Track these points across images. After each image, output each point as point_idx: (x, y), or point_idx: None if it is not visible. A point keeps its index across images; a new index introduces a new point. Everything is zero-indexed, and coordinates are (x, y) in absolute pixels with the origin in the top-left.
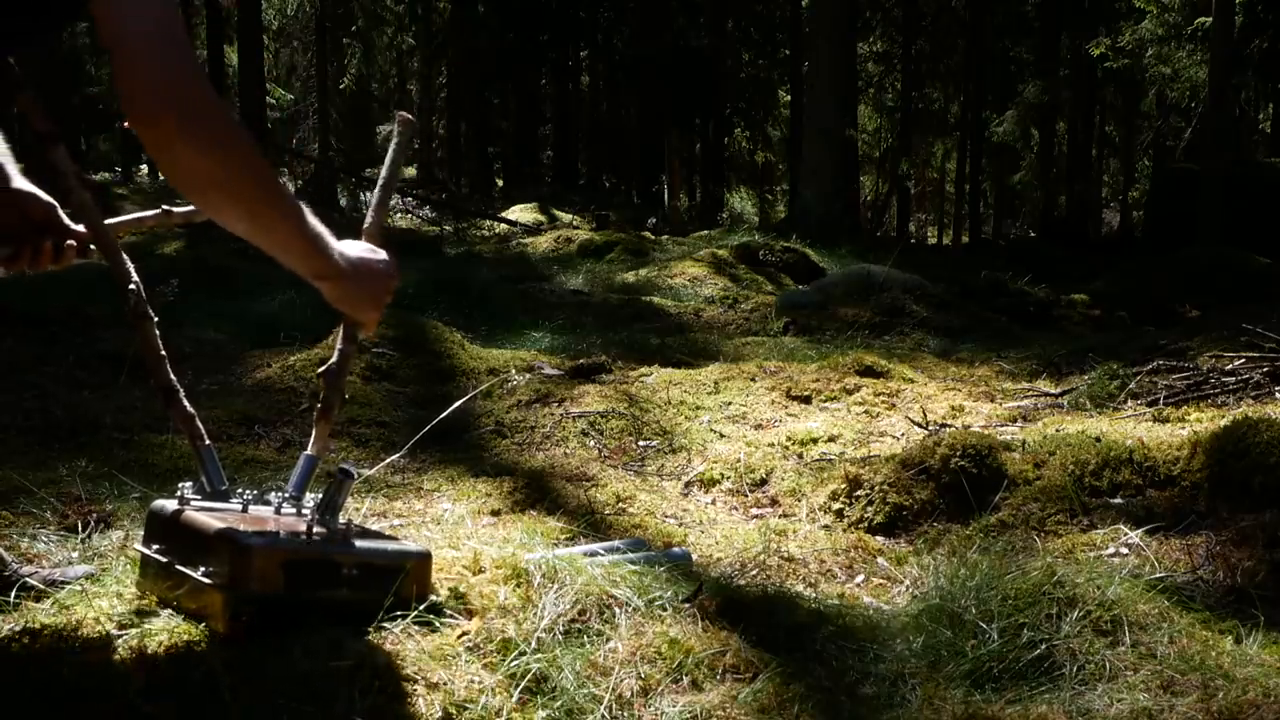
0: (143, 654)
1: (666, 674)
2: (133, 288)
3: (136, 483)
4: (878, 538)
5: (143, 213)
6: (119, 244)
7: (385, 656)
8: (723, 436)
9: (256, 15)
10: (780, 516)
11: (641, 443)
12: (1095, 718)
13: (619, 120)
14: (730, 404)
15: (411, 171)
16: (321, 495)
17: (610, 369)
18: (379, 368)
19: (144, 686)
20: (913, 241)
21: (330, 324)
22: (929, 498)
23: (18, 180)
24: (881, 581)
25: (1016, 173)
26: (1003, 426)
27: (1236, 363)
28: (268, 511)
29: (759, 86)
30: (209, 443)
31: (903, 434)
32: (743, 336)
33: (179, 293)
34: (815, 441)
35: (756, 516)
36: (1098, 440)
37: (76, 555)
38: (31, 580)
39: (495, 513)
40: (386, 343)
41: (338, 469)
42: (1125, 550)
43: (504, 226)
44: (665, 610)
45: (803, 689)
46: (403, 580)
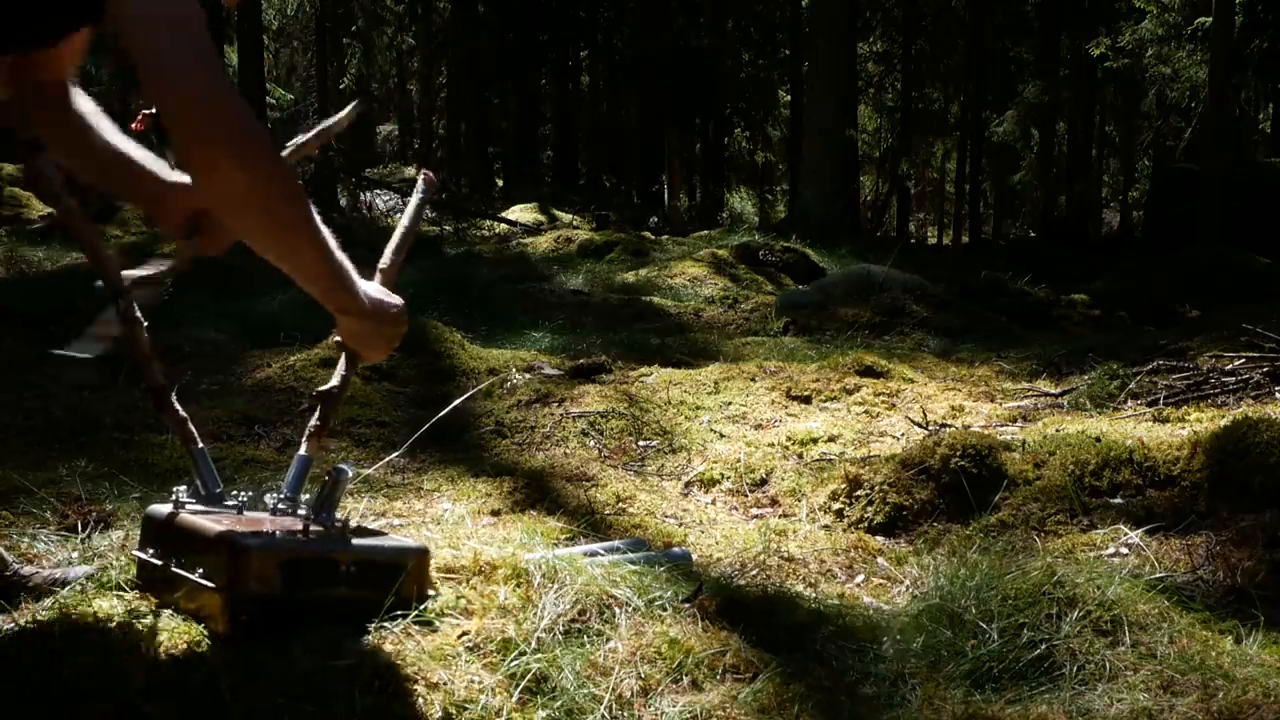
0: (143, 654)
1: (666, 674)
2: (119, 291)
3: (136, 483)
4: (878, 538)
5: (303, 136)
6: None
7: (385, 656)
8: (723, 436)
9: (256, 15)
10: (780, 516)
11: (641, 443)
12: (1095, 718)
13: (619, 120)
14: (730, 404)
15: (411, 171)
16: (319, 495)
17: (610, 369)
18: (379, 367)
19: (144, 686)
20: (913, 241)
21: (330, 324)
22: (929, 498)
23: (173, 175)
24: (881, 581)
25: (1016, 173)
26: (1003, 426)
27: (1236, 363)
28: (263, 513)
29: (759, 86)
30: (202, 445)
31: (903, 434)
32: (743, 336)
33: (178, 292)
34: (815, 441)
35: (756, 516)
36: (1098, 440)
37: (76, 555)
38: (31, 580)
39: (495, 513)
40: None
41: (333, 468)
42: (1125, 550)
43: (504, 226)
44: (665, 610)
45: (803, 689)
46: (402, 578)
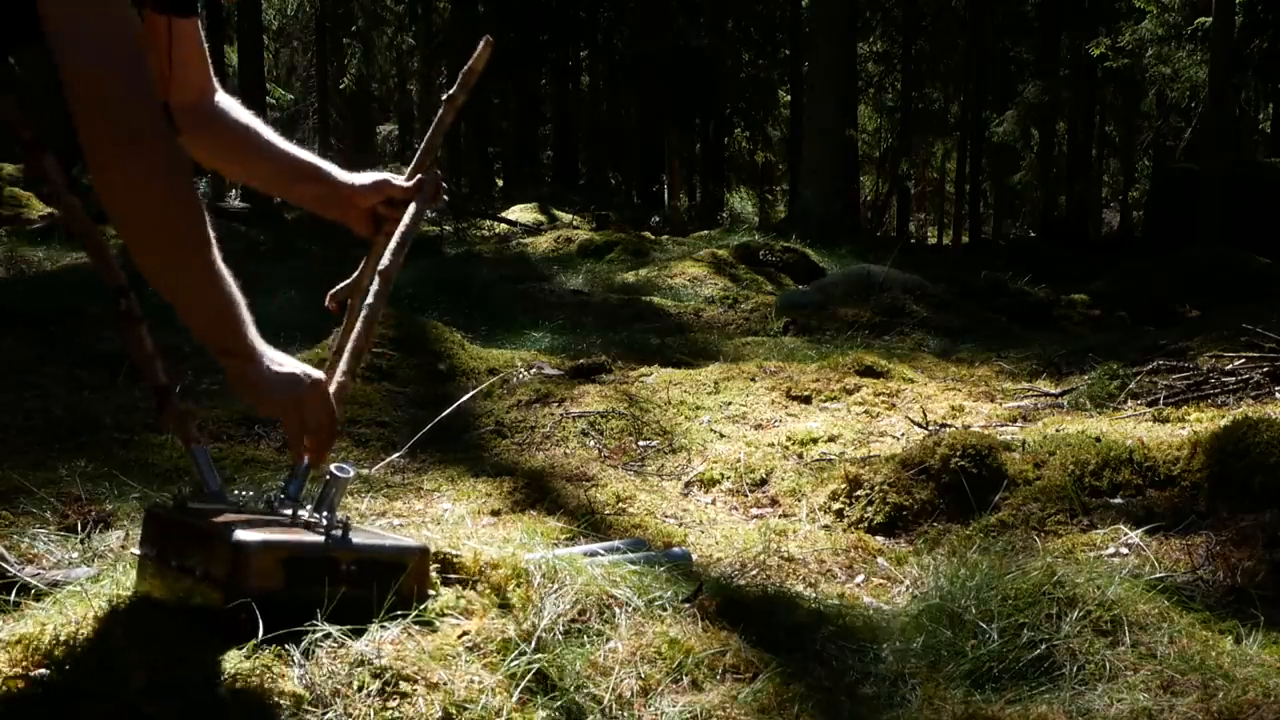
0: (142, 654)
1: (666, 674)
2: (122, 289)
3: (136, 483)
4: (878, 538)
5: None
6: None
7: (385, 656)
8: (723, 436)
9: (256, 15)
10: (780, 516)
11: (641, 443)
12: (1095, 718)
13: (619, 120)
14: (730, 404)
15: None
16: (318, 494)
17: (610, 369)
18: (379, 368)
19: (144, 686)
20: (913, 241)
21: (329, 324)
22: (929, 498)
23: (346, 176)
24: (881, 581)
25: (1016, 173)
26: (1003, 426)
27: (1236, 363)
28: (265, 512)
29: (759, 86)
30: (203, 444)
31: (903, 434)
32: (743, 336)
33: None
34: (815, 441)
35: (756, 516)
36: (1098, 440)
37: (76, 555)
38: (31, 580)
39: (495, 513)
40: (386, 343)
41: (333, 467)
42: (1125, 550)
43: (504, 226)
44: (665, 610)
45: (803, 689)
46: (403, 577)
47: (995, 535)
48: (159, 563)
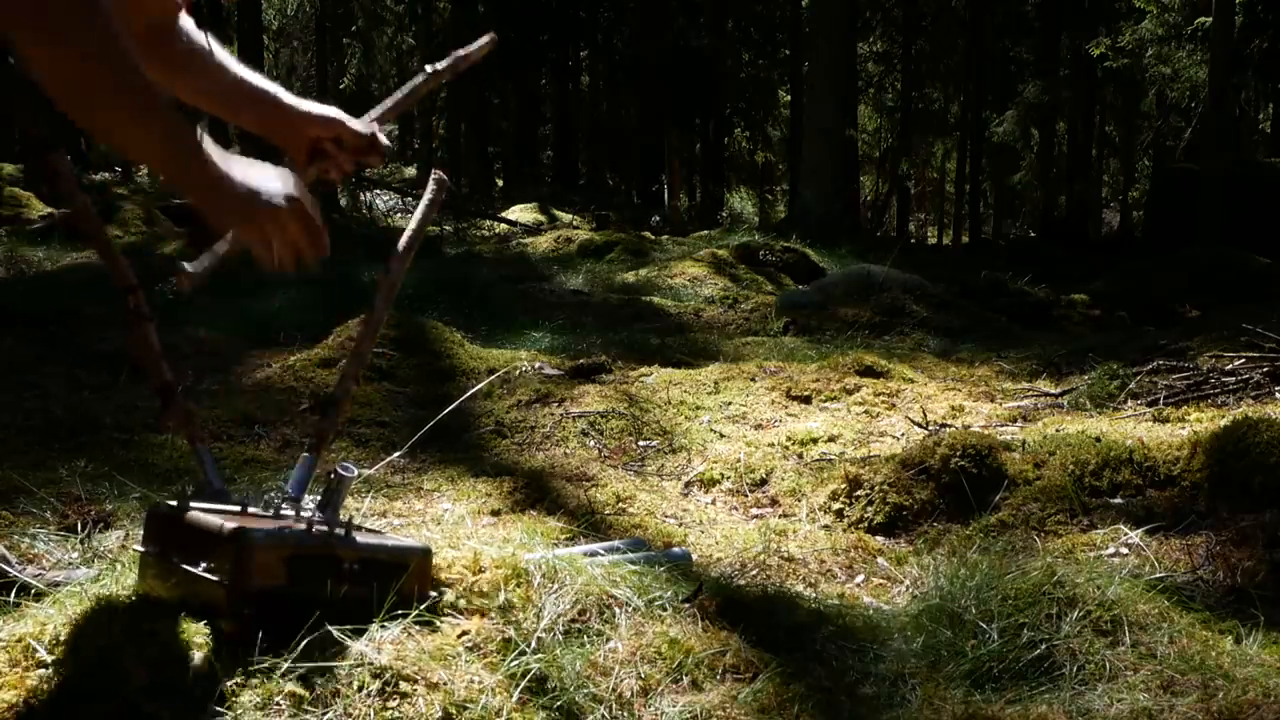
0: (142, 654)
1: (666, 674)
2: (131, 288)
3: (136, 483)
4: (878, 538)
5: (441, 64)
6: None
7: (385, 656)
8: (723, 436)
9: (256, 15)
10: (780, 516)
11: (641, 443)
12: (1095, 718)
13: (619, 120)
14: (730, 404)
15: (411, 171)
16: (321, 494)
17: (610, 369)
18: (379, 367)
19: (144, 686)
20: (913, 241)
21: (330, 324)
22: (929, 498)
23: (292, 100)
24: (881, 581)
25: (1016, 173)
26: (1003, 426)
27: (1236, 363)
28: (267, 511)
29: (759, 86)
30: (206, 444)
31: (903, 434)
32: (743, 336)
33: (178, 292)
34: (815, 441)
35: (756, 516)
36: (1098, 440)
37: (76, 555)
38: (31, 580)
39: (495, 513)
40: (387, 343)
41: (336, 467)
42: (1125, 550)
43: (504, 226)
44: (665, 610)
45: (803, 689)
46: (404, 577)
47: (995, 535)
48: (161, 561)
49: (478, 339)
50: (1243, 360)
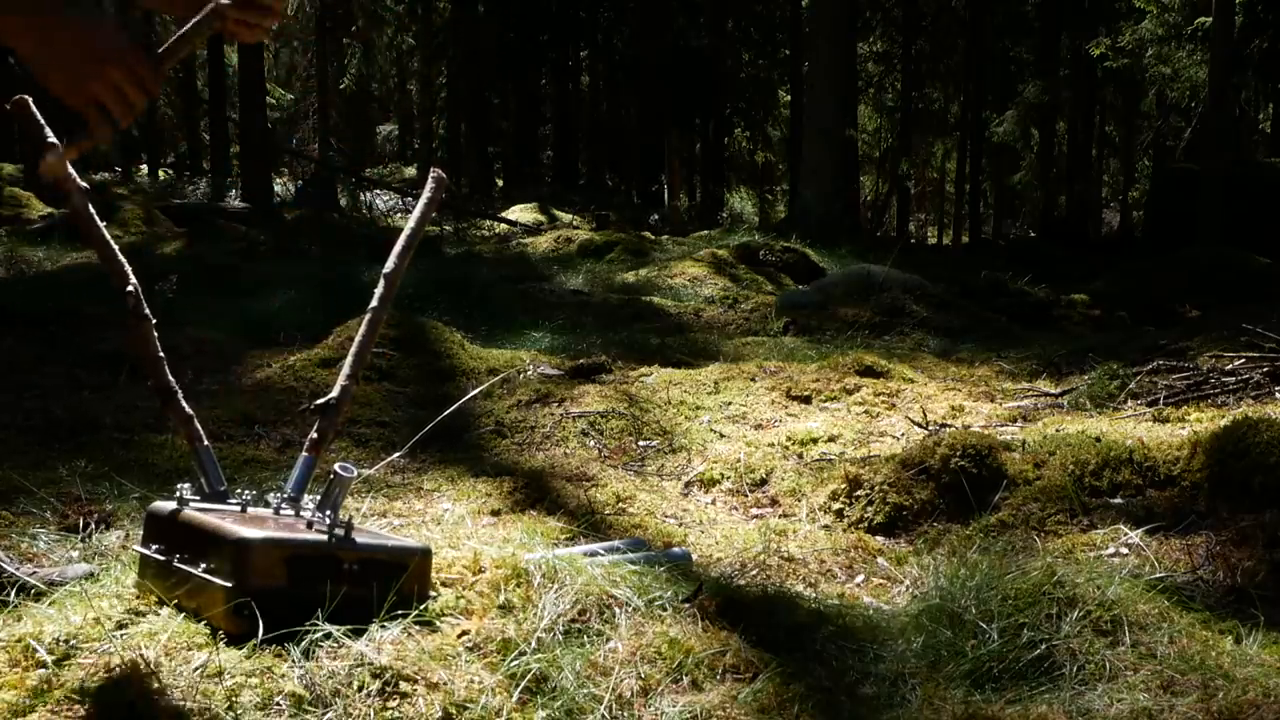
0: (143, 654)
1: (666, 674)
2: (130, 289)
3: (136, 483)
4: (878, 538)
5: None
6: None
7: (386, 656)
8: (723, 436)
9: None
10: (780, 516)
11: (641, 443)
12: (1095, 718)
13: (619, 120)
14: (730, 404)
15: (411, 171)
16: (321, 495)
17: (610, 369)
18: (379, 367)
19: (144, 686)
20: (913, 241)
21: (330, 324)
22: (929, 498)
23: None
24: (881, 581)
25: (1016, 173)
26: (1003, 426)
27: (1236, 363)
28: (267, 512)
29: (759, 86)
30: (207, 444)
31: (903, 434)
32: (743, 336)
33: (179, 292)
34: (815, 441)
35: (756, 516)
36: (1098, 440)
37: (76, 555)
38: (31, 580)
39: (495, 513)
40: (387, 343)
41: (335, 467)
42: (1125, 550)
43: (504, 226)
44: (665, 610)
45: (803, 689)
46: (404, 577)
47: (995, 535)
48: (161, 561)
49: (478, 339)
50: (1243, 360)
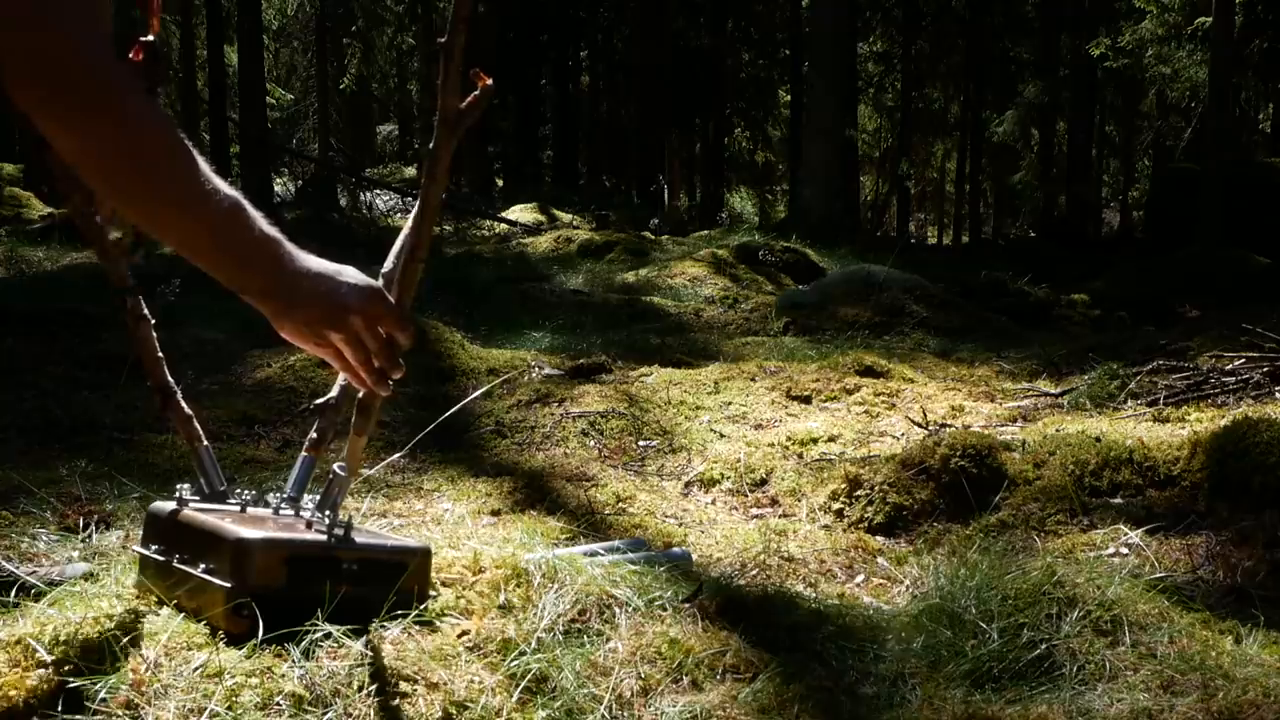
0: (142, 654)
1: (666, 674)
2: (130, 289)
3: (136, 483)
4: (878, 538)
5: None
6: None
7: (386, 656)
8: (723, 436)
9: (256, 15)
10: (780, 516)
11: (641, 443)
12: (1095, 718)
13: (619, 120)
14: (730, 404)
15: (411, 171)
16: (321, 494)
17: (610, 369)
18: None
19: (144, 687)
20: (912, 241)
21: None
22: (929, 498)
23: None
24: (881, 581)
25: (1016, 173)
26: (1003, 426)
27: (1236, 363)
28: (266, 511)
29: (759, 86)
30: (207, 444)
31: (903, 434)
32: (743, 336)
33: (180, 292)
34: (815, 441)
35: (756, 516)
36: (1098, 440)
37: (76, 555)
38: (31, 579)
39: (495, 513)
40: None
41: (334, 467)
42: (1125, 550)
43: (504, 226)
44: (665, 610)
45: (803, 689)
46: (404, 577)
47: (995, 535)
48: (161, 561)
49: (478, 339)
50: (1243, 360)
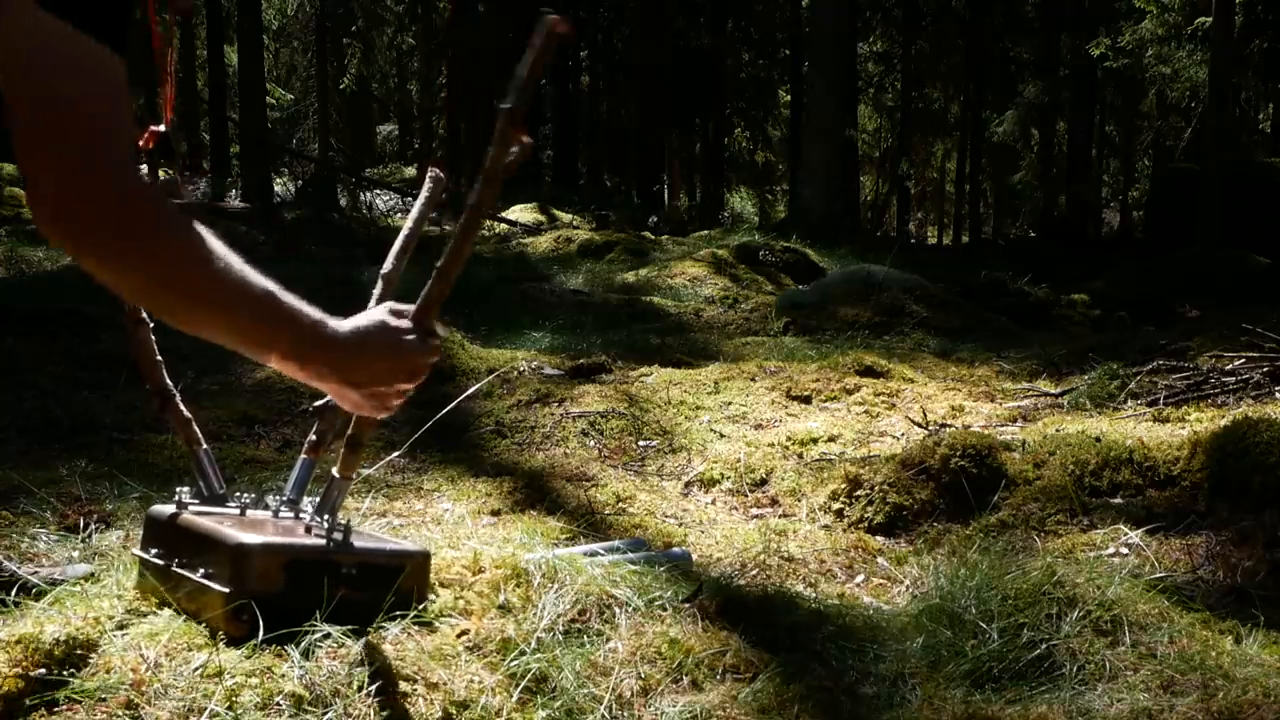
0: (142, 654)
1: (666, 674)
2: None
3: (136, 483)
4: (878, 538)
5: None
6: None
7: (385, 656)
8: (723, 436)
9: (256, 15)
10: (780, 516)
11: (641, 443)
12: (1095, 718)
13: (619, 120)
14: (730, 404)
15: (411, 171)
16: (320, 497)
17: (610, 369)
18: None
19: (144, 686)
20: (912, 241)
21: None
22: (929, 498)
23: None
24: (881, 581)
25: (1016, 173)
26: (1003, 426)
27: (1236, 363)
28: (266, 514)
29: (759, 86)
30: (206, 446)
31: (903, 434)
32: (743, 336)
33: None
34: (815, 441)
35: (756, 516)
36: (1098, 440)
37: (77, 555)
38: (31, 579)
39: (495, 513)
40: None
41: (333, 470)
42: (1125, 550)
43: (504, 226)
44: (665, 610)
45: (803, 689)
46: (402, 579)
47: (995, 535)
48: (160, 565)
49: (478, 339)
50: (1243, 360)
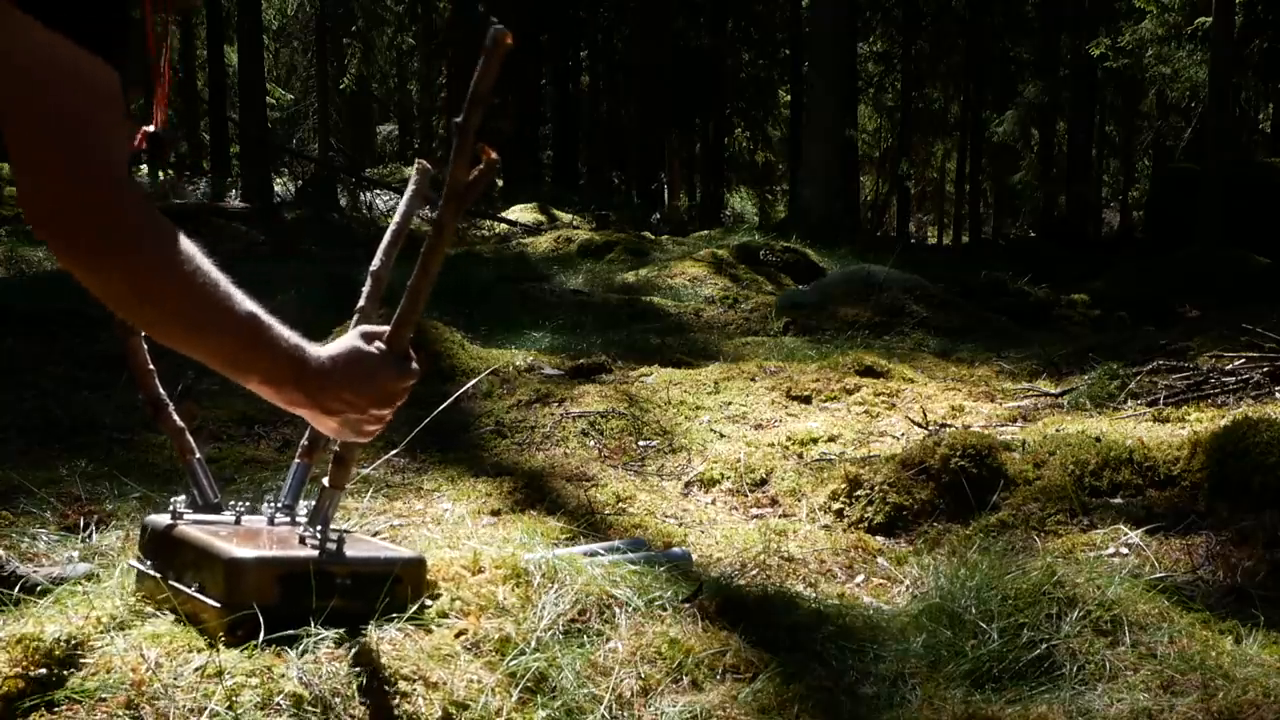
0: (143, 654)
1: (666, 674)
2: None
3: (136, 483)
4: (878, 538)
5: None
6: None
7: (384, 656)
8: (723, 436)
9: (256, 15)
10: (780, 516)
11: (641, 443)
12: (1095, 718)
13: (619, 120)
14: (730, 404)
15: (411, 172)
16: (312, 507)
17: (610, 369)
18: None
19: (144, 687)
20: (912, 241)
21: (329, 324)
22: (929, 498)
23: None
24: (881, 581)
25: (1016, 173)
26: (1003, 426)
27: (1236, 363)
28: (260, 522)
29: (759, 86)
30: (199, 455)
31: (903, 434)
32: (743, 336)
33: None
34: (815, 441)
35: (756, 516)
36: (1098, 440)
37: (77, 555)
38: (32, 579)
39: (495, 513)
40: None
41: (324, 480)
42: (1125, 550)
43: (504, 226)
44: (665, 610)
45: (803, 689)
46: (397, 586)
47: (995, 535)
48: (156, 576)
49: (478, 339)
50: (1243, 360)
